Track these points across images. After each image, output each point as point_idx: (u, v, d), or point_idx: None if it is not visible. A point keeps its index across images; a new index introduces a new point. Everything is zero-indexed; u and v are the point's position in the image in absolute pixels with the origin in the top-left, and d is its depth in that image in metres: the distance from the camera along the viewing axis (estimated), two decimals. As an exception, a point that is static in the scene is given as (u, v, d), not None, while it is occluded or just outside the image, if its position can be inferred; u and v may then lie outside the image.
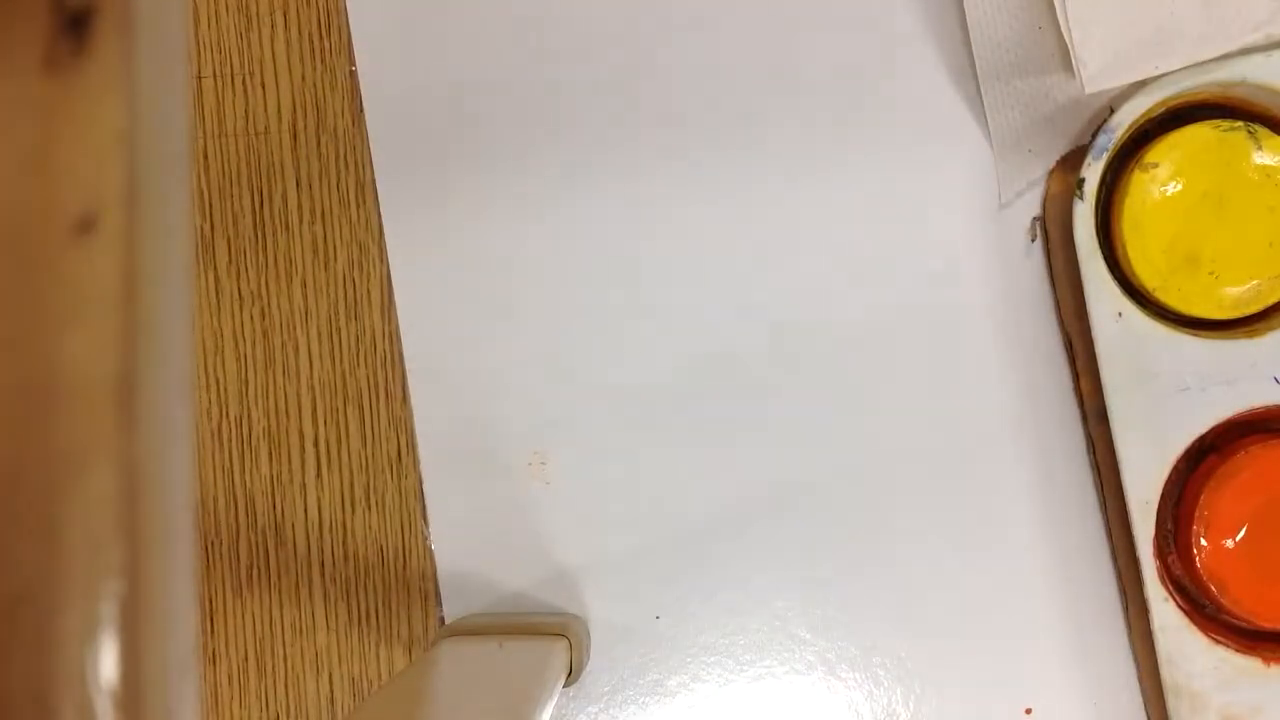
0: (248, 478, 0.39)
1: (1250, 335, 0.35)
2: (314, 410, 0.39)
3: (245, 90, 0.39)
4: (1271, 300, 0.35)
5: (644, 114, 0.37)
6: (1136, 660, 0.37)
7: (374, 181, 0.38)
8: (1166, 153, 0.34)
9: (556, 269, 0.38)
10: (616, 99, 0.37)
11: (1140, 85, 0.35)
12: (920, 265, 0.37)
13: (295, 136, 0.38)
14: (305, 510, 0.39)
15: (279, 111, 0.38)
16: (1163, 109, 0.35)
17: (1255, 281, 0.35)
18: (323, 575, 0.39)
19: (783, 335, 0.37)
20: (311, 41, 0.38)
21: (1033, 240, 0.37)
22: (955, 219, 0.37)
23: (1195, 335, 0.35)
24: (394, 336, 0.38)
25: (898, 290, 0.37)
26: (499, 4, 0.38)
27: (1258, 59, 0.34)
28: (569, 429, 0.38)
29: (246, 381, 0.39)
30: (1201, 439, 0.35)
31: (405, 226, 0.38)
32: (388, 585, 0.39)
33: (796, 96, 0.37)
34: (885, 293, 0.37)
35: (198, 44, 0.38)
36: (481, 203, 0.38)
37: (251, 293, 0.39)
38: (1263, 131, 0.34)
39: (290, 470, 0.39)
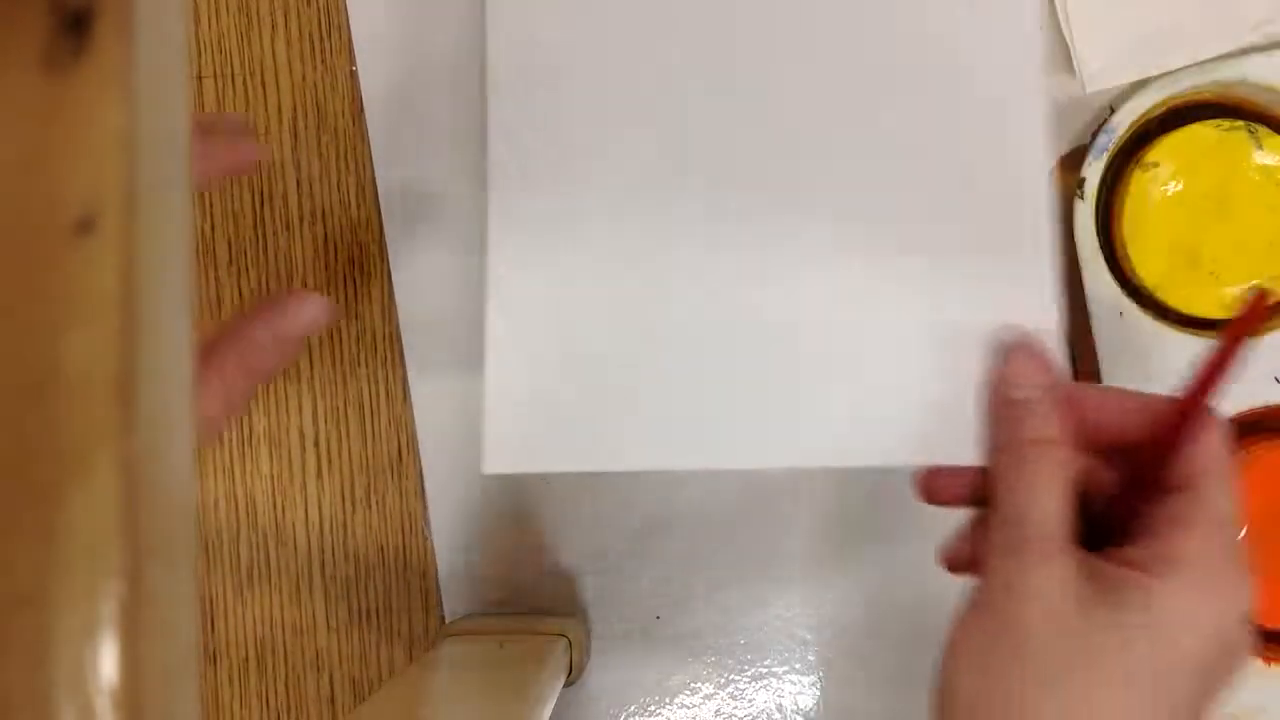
0: (248, 478, 0.39)
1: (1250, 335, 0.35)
2: (314, 410, 0.39)
3: (245, 90, 0.39)
4: (1272, 300, 0.35)
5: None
6: (1137, 660, 0.37)
7: (374, 181, 0.38)
8: (1167, 152, 0.34)
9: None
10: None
11: (1140, 85, 0.35)
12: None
13: (295, 136, 0.38)
14: (305, 510, 0.39)
15: (279, 111, 0.38)
16: (1163, 109, 0.35)
17: (1255, 281, 0.34)
18: (323, 575, 0.39)
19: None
20: (311, 41, 0.38)
21: (1033, 240, 0.37)
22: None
23: (1195, 335, 0.35)
24: (395, 337, 0.38)
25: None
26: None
27: (1258, 59, 0.34)
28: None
29: (247, 381, 0.39)
30: (1202, 439, 0.35)
31: (406, 226, 0.38)
32: (388, 585, 0.39)
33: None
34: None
35: (198, 44, 0.38)
36: (481, 201, 0.38)
37: (251, 292, 0.39)
38: (1263, 131, 0.34)
39: (291, 470, 0.39)
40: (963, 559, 0.29)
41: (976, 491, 0.29)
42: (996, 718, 0.25)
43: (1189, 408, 0.26)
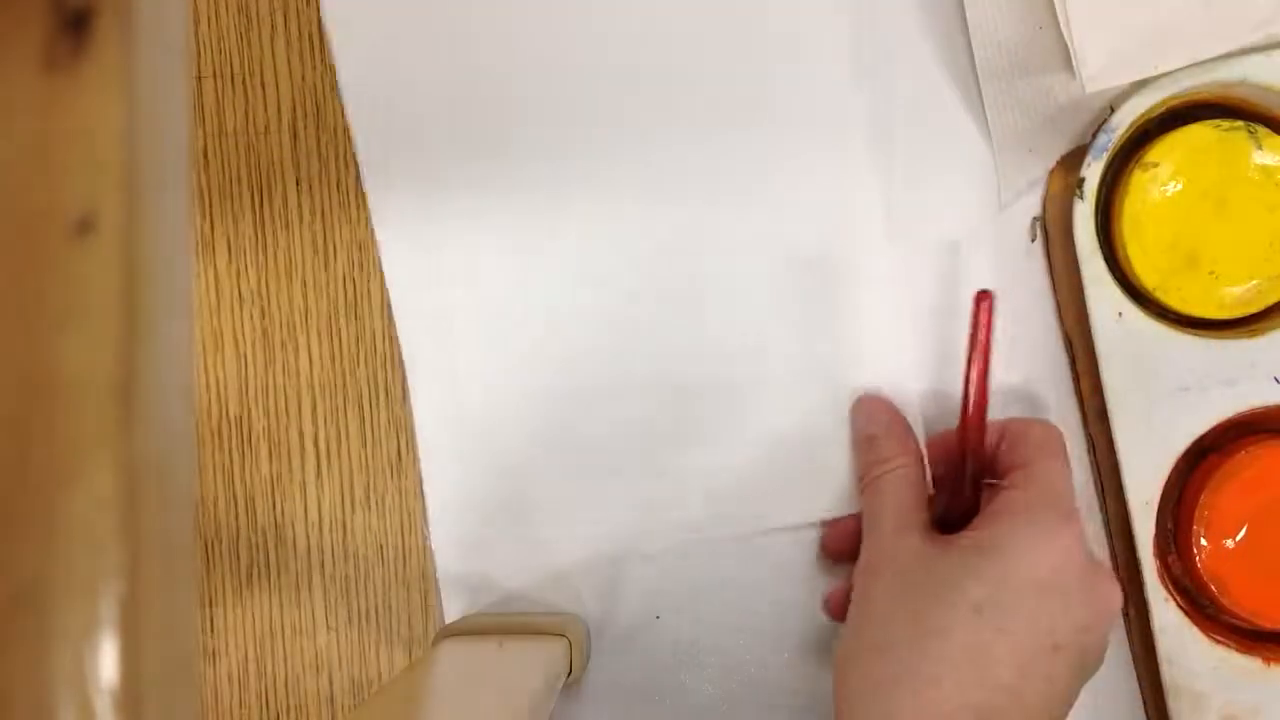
0: (248, 478, 0.39)
1: (1250, 335, 0.35)
2: (314, 410, 0.39)
3: (245, 90, 0.39)
4: (1271, 300, 0.35)
5: (643, 115, 0.37)
6: (1136, 660, 0.37)
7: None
8: (1167, 152, 0.34)
9: (555, 267, 0.38)
10: (614, 98, 0.37)
11: (1140, 85, 0.35)
12: (919, 265, 0.37)
13: (295, 136, 0.38)
14: (305, 510, 0.39)
15: (279, 111, 0.38)
16: (1163, 109, 0.35)
17: (1255, 281, 0.34)
18: (323, 575, 0.39)
19: (778, 341, 0.37)
20: (311, 41, 0.38)
21: (1033, 240, 0.37)
22: (955, 219, 0.37)
23: (1195, 335, 0.35)
24: (394, 336, 0.38)
25: (895, 289, 0.37)
26: (498, 4, 0.37)
27: (1258, 59, 0.34)
28: (570, 427, 0.38)
29: (246, 381, 0.39)
30: (1201, 439, 0.35)
31: (399, 226, 0.38)
32: (388, 585, 0.39)
33: (797, 96, 0.37)
34: (883, 291, 0.37)
35: (198, 44, 0.38)
36: (479, 201, 0.38)
37: (251, 292, 0.39)
38: (1263, 131, 0.34)
39: (290, 470, 0.39)
40: (845, 604, 0.34)
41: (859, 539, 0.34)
42: (862, 673, 0.30)
43: (974, 421, 0.32)
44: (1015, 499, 0.31)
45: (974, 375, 0.32)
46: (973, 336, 0.32)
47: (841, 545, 0.36)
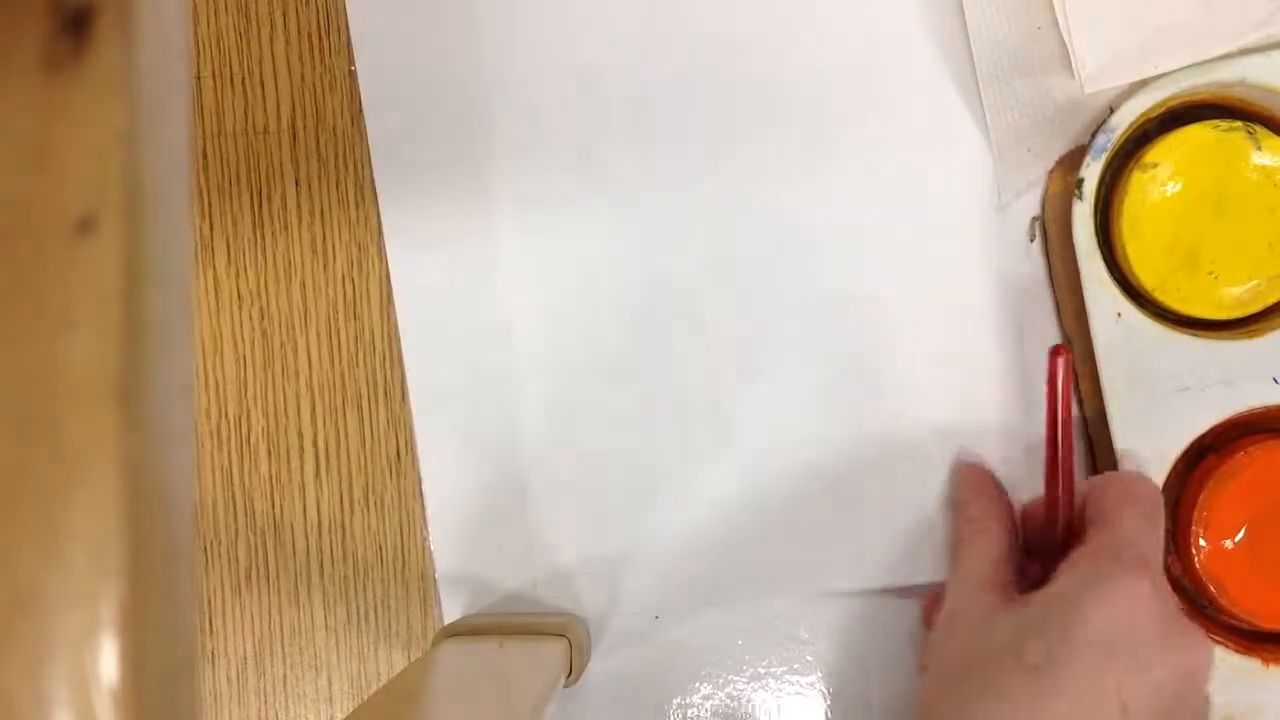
0: (247, 478, 0.39)
1: (1250, 335, 0.35)
2: (313, 410, 0.39)
3: (245, 90, 0.39)
4: (1271, 300, 0.35)
5: (645, 116, 0.37)
6: (1136, 660, 0.37)
7: (373, 181, 0.38)
8: (1166, 153, 0.34)
9: (556, 267, 0.38)
10: (617, 100, 0.37)
11: (1140, 85, 0.35)
12: (919, 265, 0.37)
13: (295, 136, 0.38)
14: (304, 510, 0.39)
15: (278, 111, 0.38)
16: (1162, 109, 0.35)
17: (1254, 281, 0.35)
18: (322, 575, 0.39)
19: (783, 339, 0.37)
20: (311, 41, 0.38)
21: (1032, 240, 0.37)
22: (955, 219, 0.37)
23: (1195, 335, 0.35)
24: (393, 336, 0.38)
25: (896, 290, 0.37)
26: (498, 4, 0.38)
27: (1258, 59, 0.34)
28: (569, 429, 0.38)
29: (246, 381, 0.39)
30: (1201, 439, 0.35)
31: (405, 226, 0.38)
32: (386, 585, 0.39)
33: (797, 97, 0.37)
34: (884, 293, 0.37)
35: (198, 44, 0.38)
36: (480, 202, 0.38)
37: (251, 293, 0.39)
38: (1262, 131, 0.34)
39: (289, 470, 0.39)
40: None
41: None
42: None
43: (1062, 479, 0.32)
44: (1084, 551, 0.30)
45: (1059, 434, 0.32)
46: (1050, 394, 0.32)
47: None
